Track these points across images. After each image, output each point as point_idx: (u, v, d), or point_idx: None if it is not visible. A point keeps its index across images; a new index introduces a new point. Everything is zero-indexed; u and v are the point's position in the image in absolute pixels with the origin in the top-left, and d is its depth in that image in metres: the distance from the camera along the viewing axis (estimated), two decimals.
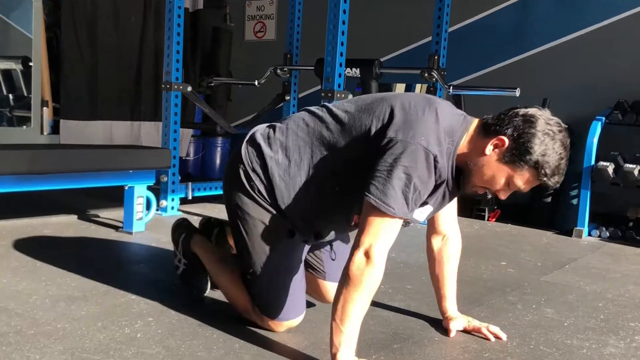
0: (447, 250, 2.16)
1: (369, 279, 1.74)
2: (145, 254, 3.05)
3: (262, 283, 2.02)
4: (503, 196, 1.86)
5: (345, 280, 1.74)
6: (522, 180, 1.79)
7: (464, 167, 1.83)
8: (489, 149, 1.79)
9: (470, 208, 4.62)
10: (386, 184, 1.70)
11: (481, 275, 2.98)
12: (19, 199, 3.29)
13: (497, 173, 1.79)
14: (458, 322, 2.15)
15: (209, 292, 2.34)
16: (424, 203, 1.85)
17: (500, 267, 3.17)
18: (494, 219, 4.62)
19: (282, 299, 2.01)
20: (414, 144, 1.72)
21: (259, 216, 1.98)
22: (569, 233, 4.15)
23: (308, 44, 4.76)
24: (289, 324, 2.05)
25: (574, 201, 4.39)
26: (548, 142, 1.78)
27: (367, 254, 1.72)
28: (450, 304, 2.19)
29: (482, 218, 4.60)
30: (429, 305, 2.42)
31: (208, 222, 2.53)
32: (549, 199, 4.60)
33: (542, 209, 4.60)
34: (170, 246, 3.04)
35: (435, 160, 1.75)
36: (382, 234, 1.73)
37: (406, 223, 1.84)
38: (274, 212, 1.97)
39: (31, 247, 2.96)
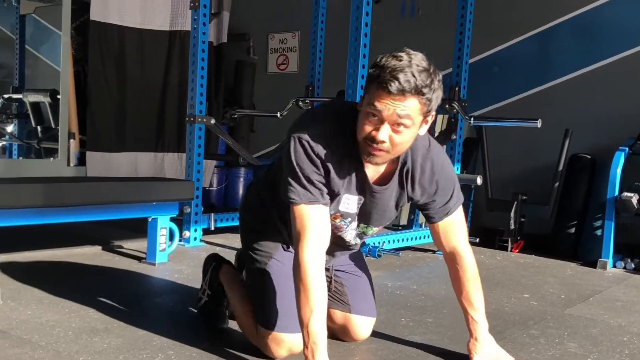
0: (463, 271, 2.10)
1: (297, 276, 1.83)
2: (168, 285, 3.07)
3: (257, 286, 2.08)
4: (381, 135, 1.74)
5: None
6: (372, 98, 1.73)
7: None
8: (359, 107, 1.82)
9: (493, 239, 4.59)
10: (284, 184, 1.86)
11: (503, 308, 2.95)
12: (45, 230, 3.34)
13: (362, 117, 1.79)
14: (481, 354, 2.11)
15: (229, 325, 2.35)
16: (337, 194, 1.90)
17: (523, 299, 3.14)
18: (517, 250, 4.58)
19: (278, 304, 2.01)
20: (291, 138, 1.85)
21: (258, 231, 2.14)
22: (593, 264, 4.09)
23: (329, 75, 4.82)
24: (289, 342, 1.99)
25: (598, 232, 4.33)
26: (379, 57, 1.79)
27: (298, 255, 1.83)
28: (475, 327, 2.12)
29: (505, 249, 4.55)
30: (450, 339, 2.40)
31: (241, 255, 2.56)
32: (573, 230, 4.56)
33: (565, 240, 4.56)
34: (193, 277, 3.08)
35: (308, 144, 1.82)
36: (302, 229, 1.83)
37: (340, 219, 1.96)
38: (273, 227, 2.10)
39: (55, 278, 3.01)
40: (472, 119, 4.09)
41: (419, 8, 5.43)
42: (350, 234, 2.07)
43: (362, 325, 2.26)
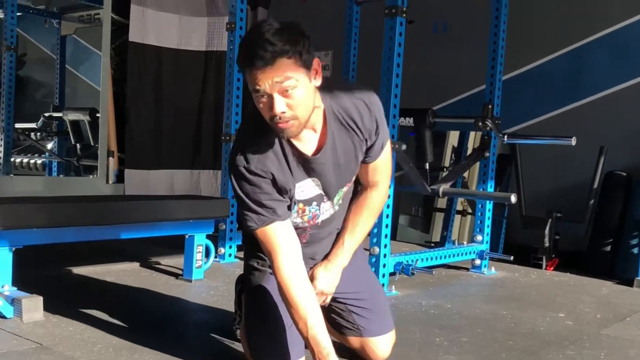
0: (370, 199, 2.12)
1: (282, 295, 1.89)
2: (204, 302, 3.12)
3: (246, 314, 2.10)
4: (277, 108, 1.72)
5: None
6: (250, 83, 1.74)
7: None
8: None
9: (527, 257, 4.56)
10: (242, 216, 1.91)
11: (538, 328, 2.94)
12: (85, 247, 3.43)
13: (257, 104, 1.78)
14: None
15: None
16: (290, 191, 1.90)
17: (558, 318, 3.12)
18: (552, 268, 4.54)
19: (260, 335, 2.02)
20: (230, 173, 1.92)
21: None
22: (629, 283, 4.04)
23: None
24: None
25: (635, 250, 4.28)
26: None
27: (275, 275, 1.89)
28: (337, 252, 2.12)
29: (540, 267, 4.52)
30: (485, 359, 2.41)
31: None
32: (609, 248, 4.50)
33: (601, 258, 4.50)
34: (228, 294, 3.13)
35: (243, 168, 1.85)
36: (271, 250, 1.88)
37: (307, 209, 1.97)
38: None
39: (96, 294, 3.08)
40: (505, 136, 4.08)
41: (450, 25, 5.45)
42: (327, 212, 2.05)
43: (378, 346, 2.22)
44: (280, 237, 1.88)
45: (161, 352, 2.30)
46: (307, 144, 1.91)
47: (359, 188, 2.17)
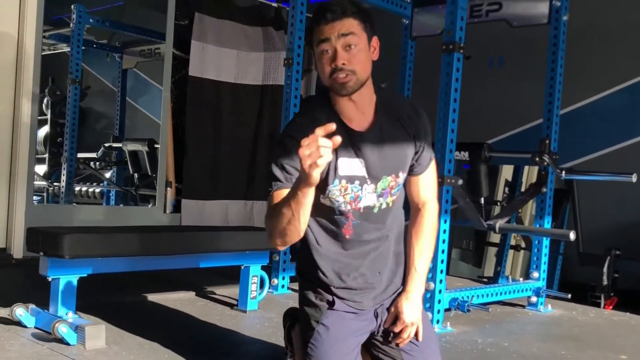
0: (419, 231, 2.19)
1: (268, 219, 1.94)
2: (259, 334, 3.15)
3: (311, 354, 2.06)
4: (339, 59, 1.91)
5: None
6: (317, 38, 1.93)
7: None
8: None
9: (584, 295, 4.45)
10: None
11: None
12: (143, 275, 3.50)
13: (319, 62, 1.97)
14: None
15: None
16: (337, 161, 1.96)
17: None
18: (611, 307, 4.42)
19: None
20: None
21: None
22: None
23: None
24: None
25: None
26: None
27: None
28: (413, 281, 2.16)
29: (598, 305, 4.41)
30: None
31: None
32: None
33: None
34: (281, 327, 3.15)
35: (285, 135, 2.02)
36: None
37: (349, 187, 2.00)
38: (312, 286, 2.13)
39: (154, 323, 3.14)
40: (563, 172, 4.03)
41: (506, 59, 5.44)
42: (370, 198, 2.06)
43: None
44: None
45: None
46: (355, 123, 2.04)
47: (412, 213, 2.24)
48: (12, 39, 4.58)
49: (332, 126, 1.67)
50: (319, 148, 1.62)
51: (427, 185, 2.20)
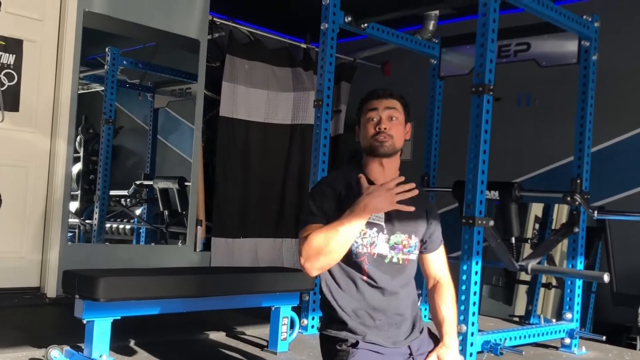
0: (442, 296, 2.43)
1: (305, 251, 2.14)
2: None
3: None
4: (383, 123, 2.29)
5: None
6: (367, 108, 2.33)
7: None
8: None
9: (619, 336, 4.37)
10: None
11: None
12: (171, 316, 3.51)
13: (363, 126, 2.33)
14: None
15: None
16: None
17: None
18: None
19: None
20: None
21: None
22: None
23: (443, 164, 4.87)
24: None
25: None
26: None
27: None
28: (448, 337, 2.37)
29: (634, 347, 4.32)
30: None
31: None
32: None
33: None
34: None
35: (320, 182, 2.42)
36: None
37: (367, 232, 2.24)
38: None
39: None
40: (595, 212, 3.99)
41: (535, 98, 5.45)
42: (383, 247, 2.30)
43: None
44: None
45: None
46: (380, 182, 2.29)
47: (430, 287, 2.51)
48: (49, 81, 4.72)
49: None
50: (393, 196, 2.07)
51: (440, 262, 2.50)
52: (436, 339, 2.40)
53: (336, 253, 2.13)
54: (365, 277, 2.28)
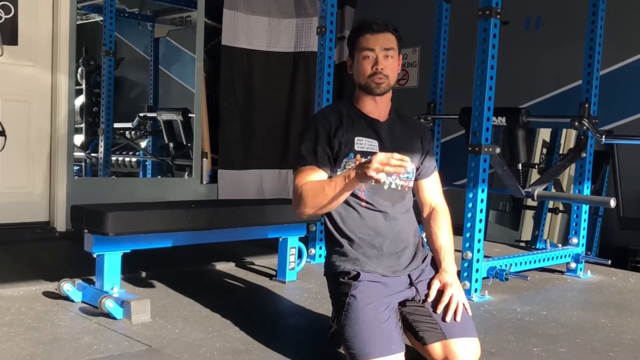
0: (437, 223, 2.45)
1: (297, 198, 2.28)
2: (299, 304, 3.19)
3: (345, 324, 2.20)
4: (380, 64, 2.28)
5: None
6: (362, 45, 2.28)
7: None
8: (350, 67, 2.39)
9: (625, 260, 4.41)
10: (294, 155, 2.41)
11: None
12: (184, 248, 3.55)
13: (359, 63, 2.30)
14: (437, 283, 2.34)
15: None
16: (349, 140, 2.30)
17: None
18: None
19: (360, 336, 2.14)
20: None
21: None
22: None
23: (451, 91, 4.80)
24: None
25: None
26: None
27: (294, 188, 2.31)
28: (446, 263, 2.40)
29: (639, 270, 4.36)
30: None
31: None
32: None
33: None
34: (321, 297, 3.20)
35: (316, 117, 2.43)
36: (299, 183, 2.27)
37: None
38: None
39: (197, 295, 3.20)
40: (603, 136, 3.94)
41: (544, 21, 5.31)
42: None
43: (464, 350, 2.20)
44: (310, 177, 2.27)
45: (264, 357, 2.39)
46: (373, 115, 2.40)
47: (426, 214, 2.53)
48: (47, 12, 4.62)
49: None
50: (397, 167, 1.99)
51: (434, 189, 2.52)
52: (437, 268, 2.42)
53: (325, 209, 2.24)
54: (364, 204, 2.34)
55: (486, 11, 3.32)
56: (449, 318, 2.23)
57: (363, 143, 2.33)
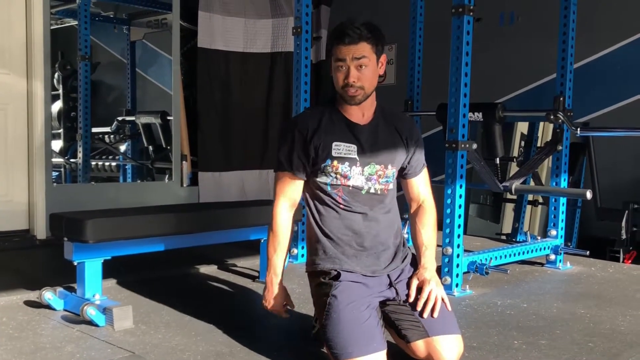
0: (423, 220, 2.48)
1: (271, 223, 2.43)
2: None
3: (327, 324, 2.22)
4: (351, 77, 2.24)
5: None
6: (335, 55, 2.25)
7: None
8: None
9: (603, 250, 4.47)
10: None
11: (618, 327, 2.89)
12: (162, 253, 3.55)
13: (334, 73, 2.29)
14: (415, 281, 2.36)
15: None
16: (327, 146, 2.31)
17: None
18: (630, 261, 4.44)
19: (340, 335, 2.16)
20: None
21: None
22: None
23: (428, 88, 4.82)
24: None
25: None
26: None
27: (273, 209, 2.43)
28: (426, 259, 2.42)
29: (617, 260, 4.43)
30: None
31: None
32: None
33: None
34: (304, 297, 3.20)
35: (292, 120, 2.51)
36: (278, 192, 2.43)
37: (340, 167, 2.30)
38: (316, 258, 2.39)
39: (179, 300, 3.20)
40: (578, 129, 4.00)
41: (518, 15, 5.35)
42: (358, 179, 2.35)
43: (447, 347, 2.21)
44: (287, 185, 2.39)
45: (245, 359, 2.40)
46: (355, 118, 2.38)
47: (412, 210, 2.54)
48: (20, 18, 4.57)
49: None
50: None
51: (422, 186, 2.52)
52: (417, 266, 2.43)
53: None
54: (342, 206, 2.36)
55: (459, 8, 3.35)
56: (426, 314, 2.25)
57: (341, 148, 2.33)
